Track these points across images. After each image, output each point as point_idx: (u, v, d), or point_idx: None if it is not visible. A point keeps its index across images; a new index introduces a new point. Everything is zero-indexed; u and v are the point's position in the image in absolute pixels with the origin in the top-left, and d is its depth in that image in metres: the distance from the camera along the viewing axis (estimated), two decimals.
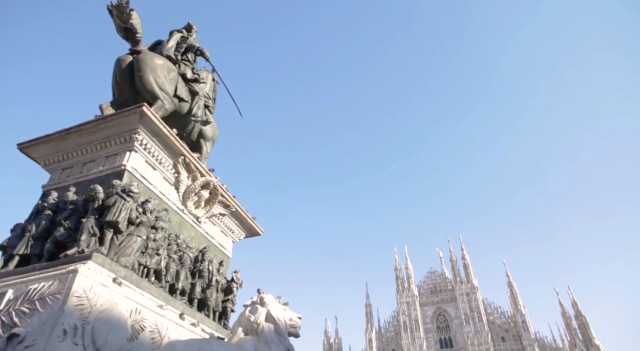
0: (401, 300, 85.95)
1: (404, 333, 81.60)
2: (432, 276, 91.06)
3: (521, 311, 78.71)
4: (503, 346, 77.57)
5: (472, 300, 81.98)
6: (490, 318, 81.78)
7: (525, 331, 76.19)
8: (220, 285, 9.57)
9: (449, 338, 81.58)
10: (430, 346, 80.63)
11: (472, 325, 78.77)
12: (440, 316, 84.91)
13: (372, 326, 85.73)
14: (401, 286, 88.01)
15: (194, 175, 9.41)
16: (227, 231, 10.96)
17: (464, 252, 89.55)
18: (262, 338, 6.79)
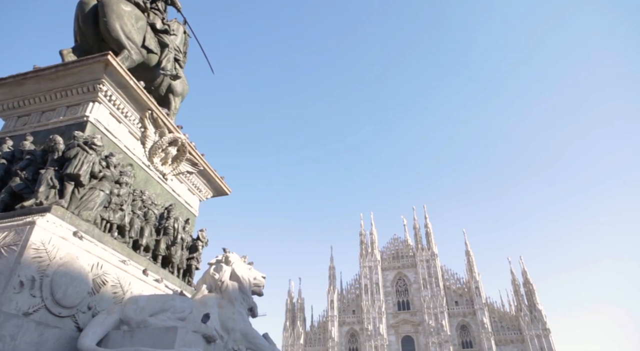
0: (364, 264, 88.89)
1: (364, 295, 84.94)
2: (395, 243, 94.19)
3: (475, 278, 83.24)
4: (456, 310, 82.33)
5: (431, 266, 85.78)
6: (447, 283, 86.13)
7: (478, 296, 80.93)
8: (185, 242, 9.55)
9: (407, 301, 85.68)
10: (388, 308, 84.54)
11: (430, 290, 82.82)
12: (400, 281, 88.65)
13: (334, 288, 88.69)
14: (365, 251, 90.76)
15: (161, 131, 9.13)
16: (194, 189, 10.84)
17: (427, 220, 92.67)
18: (225, 296, 6.89)
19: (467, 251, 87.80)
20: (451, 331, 78.96)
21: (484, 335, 76.63)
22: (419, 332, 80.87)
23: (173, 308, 5.84)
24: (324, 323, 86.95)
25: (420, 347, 79.38)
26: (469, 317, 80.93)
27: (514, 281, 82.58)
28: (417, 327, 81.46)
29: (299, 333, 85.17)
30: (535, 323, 76.36)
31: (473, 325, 79.73)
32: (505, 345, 77.01)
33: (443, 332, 77.66)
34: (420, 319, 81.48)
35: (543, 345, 74.21)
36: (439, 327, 78.30)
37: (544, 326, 75.65)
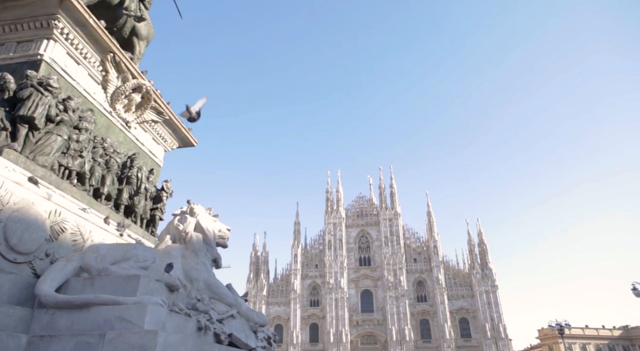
0: (329, 221, 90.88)
1: (328, 250, 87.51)
2: (360, 201, 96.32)
3: (434, 237, 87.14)
4: (414, 267, 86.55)
5: (393, 225, 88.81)
6: (407, 242, 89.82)
7: (435, 254, 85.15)
8: (149, 192, 9.37)
9: (368, 258, 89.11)
10: (350, 264, 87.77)
11: (390, 247, 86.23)
12: (363, 238, 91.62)
13: (298, 243, 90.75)
14: (330, 208, 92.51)
15: (124, 76, 8.66)
16: (159, 139, 10.51)
17: (393, 181, 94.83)
18: (190, 247, 6.90)
19: (428, 212, 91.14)
20: (408, 287, 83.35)
21: (438, 290, 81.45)
22: (377, 287, 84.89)
23: (136, 257, 5.81)
24: (287, 276, 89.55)
25: (378, 300, 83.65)
26: (425, 274, 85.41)
27: (469, 242, 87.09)
28: (376, 282, 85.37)
29: (262, 285, 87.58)
30: (485, 280, 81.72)
31: (429, 281, 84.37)
32: (457, 300, 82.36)
33: (400, 287, 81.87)
34: (379, 274, 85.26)
35: (490, 300, 79.96)
36: (397, 282, 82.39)
37: (492, 283, 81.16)
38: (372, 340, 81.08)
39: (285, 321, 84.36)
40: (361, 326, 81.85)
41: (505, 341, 76.94)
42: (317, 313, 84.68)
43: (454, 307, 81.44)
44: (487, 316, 78.71)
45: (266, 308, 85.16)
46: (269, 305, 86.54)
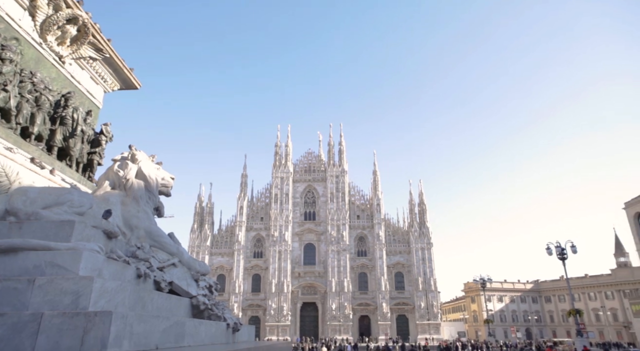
0: (276, 175, 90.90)
1: (274, 204, 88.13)
2: (308, 157, 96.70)
3: (378, 196, 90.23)
4: (357, 223, 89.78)
5: (340, 182, 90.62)
6: (352, 199, 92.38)
7: (378, 212, 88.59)
8: (86, 135, 8.77)
9: (313, 212, 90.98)
10: (295, 218, 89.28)
11: (336, 203, 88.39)
12: (309, 193, 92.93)
13: (245, 195, 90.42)
14: (279, 162, 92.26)
15: (56, 4, 7.77)
16: (98, 78, 9.73)
17: (342, 138, 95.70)
18: (130, 194, 6.64)
19: (374, 171, 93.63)
20: (350, 242, 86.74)
21: (378, 246, 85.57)
22: (321, 241, 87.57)
23: (70, 202, 5.49)
24: (231, 227, 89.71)
25: (320, 254, 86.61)
26: (367, 230, 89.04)
27: (410, 201, 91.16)
28: (319, 236, 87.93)
29: (206, 236, 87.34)
30: (422, 237, 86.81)
31: (370, 237, 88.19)
32: (394, 255, 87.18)
33: (342, 242, 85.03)
34: (323, 229, 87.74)
35: (425, 256, 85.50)
36: (340, 237, 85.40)
37: (428, 241, 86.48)
38: (313, 290, 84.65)
39: (229, 272, 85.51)
40: (302, 278, 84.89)
41: (435, 293, 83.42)
42: (260, 265, 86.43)
43: (391, 262, 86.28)
44: (420, 271, 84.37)
45: (209, 258, 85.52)
46: (212, 255, 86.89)
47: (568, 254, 44.99)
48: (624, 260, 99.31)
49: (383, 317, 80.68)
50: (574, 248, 44.95)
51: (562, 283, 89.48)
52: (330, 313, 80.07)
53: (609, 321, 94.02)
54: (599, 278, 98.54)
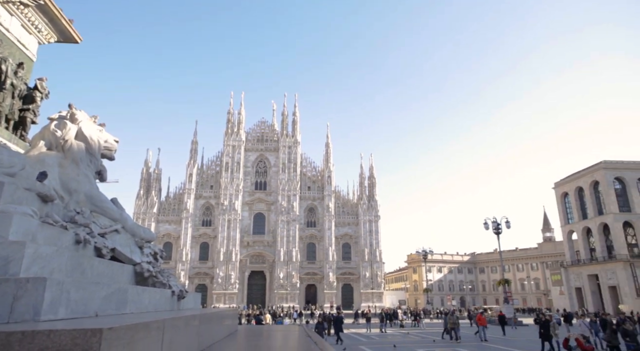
0: (228, 143, 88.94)
1: (224, 172, 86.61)
2: (261, 126, 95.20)
3: (330, 168, 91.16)
4: (307, 194, 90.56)
5: (292, 152, 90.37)
6: (304, 170, 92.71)
7: (329, 184, 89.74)
8: (17, 90, 8.04)
9: (265, 182, 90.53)
10: (246, 187, 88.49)
11: (287, 174, 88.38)
12: (261, 163, 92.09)
13: (194, 162, 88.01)
14: (231, 130, 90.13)
15: None
16: (31, 27, 8.85)
17: (296, 109, 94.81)
18: (69, 156, 6.23)
19: (327, 143, 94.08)
20: (300, 212, 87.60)
21: (327, 217, 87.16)
22: (271, 211, 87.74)
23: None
24: (180, 195, 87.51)
25: (270, 224, 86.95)
26: (317, 201, 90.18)
27: (361, 175, 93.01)
28: (270, 206, 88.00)
29: (153, 202, 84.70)
30: (370, 210, 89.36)
31: (320, 208, 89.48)
32: (343, 226, 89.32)
33: (293, 212, 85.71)
34: (274, 199, 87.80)
35: (372, 228, 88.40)
36: (290, 208, 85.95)
37: (376, 214, 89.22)
38: (261, 259, 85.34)
39: (176, 239, 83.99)
40: (251, 247, 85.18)
41: (380, 264, 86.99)
42: (208, 233, 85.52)
43: (339, 233, 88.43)
44: (367, 242, 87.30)
45: (156, 226, 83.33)
46: (159, 223, 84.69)
47: (502, 229, 48.28)
48: (549, 235, 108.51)
49: (329, 286, 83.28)
50: (508, 223, 48.26)
51: (496, 255, 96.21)
52: (277, 281, 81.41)
53: (532, 289, 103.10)
54: (527, 251, 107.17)
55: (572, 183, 75.18)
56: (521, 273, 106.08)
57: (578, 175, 74.15)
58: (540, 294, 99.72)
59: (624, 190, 68.77)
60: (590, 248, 72.42)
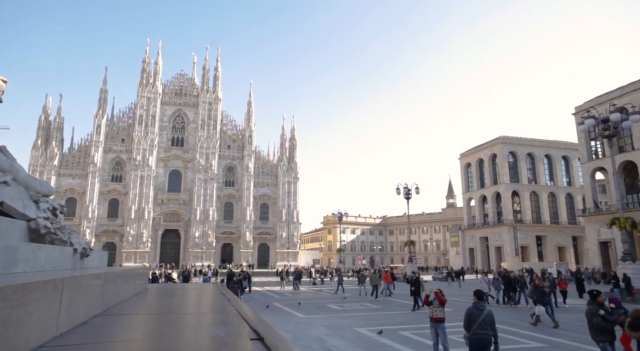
0: (143, 94, 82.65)
1: (138, 126, 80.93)
2: (180, 79, 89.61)
3: (251, 127, 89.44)
4: (227, 153, 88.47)
5: (212, 109, 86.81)
6: (224, 128, 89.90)
7: (249, 144, 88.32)
8: None
9: (182, 138, 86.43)
10: (162, 142, 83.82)
11: (206, 131, 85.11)
12: (179, 118, 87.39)
13: (104, 113, 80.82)
14: (146, 81, 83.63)
15: None
16: None
17: (219, 63, 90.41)
18: None
19: (249, 102, 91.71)
20: (218, 171, 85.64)
21: (246, 177, 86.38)
22: (188, 168, 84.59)
23: None
24: (86, 147, 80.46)
25: (186, 181, 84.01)
26: (237, 161, 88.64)
27: (282, 136, 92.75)
28: (187, 163, 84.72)
29: (54, 154, 76.96)
30: (290, 172, 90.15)
31: (239, 167, 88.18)
32: (262, 187, 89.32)
33: (211, 171, 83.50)
34: (191, 156, 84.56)
35: (291, 189, 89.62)
36: (208, 166, 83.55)
37: (295, 175, 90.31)
38: (176, 218, 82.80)
39: (81, 195, 77.90)
40: (166, 205, 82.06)
41: (296, 224, 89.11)
42: (119, 189, 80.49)
43: (258, 193, 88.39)
44: (285, 203, 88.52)
45: (57, 179, 76.29)
46: (61, 176, 77.58)
47: (412, 194, 51.78)
48: (452, 201, 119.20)
49: (246, 245, 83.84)
50: (417, 189, 51.79)
51: (404, 219, 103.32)
52: (193, 240, 80.00)
53: (433, 250, 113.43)
54: (432, 216, 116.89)
55: (475, 155, 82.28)
56: (425, 236, 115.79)
57: (480, 148, 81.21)
58: (439, 254, 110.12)
59: (516, 163, 77.02)
60: (484, 213, 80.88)
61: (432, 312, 9.94)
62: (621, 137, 50.93)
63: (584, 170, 60.30)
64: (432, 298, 10.06)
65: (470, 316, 7.92)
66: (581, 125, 30.95)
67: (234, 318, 4.47)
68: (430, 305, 10.06)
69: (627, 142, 52.97)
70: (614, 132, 28.31)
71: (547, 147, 78.82)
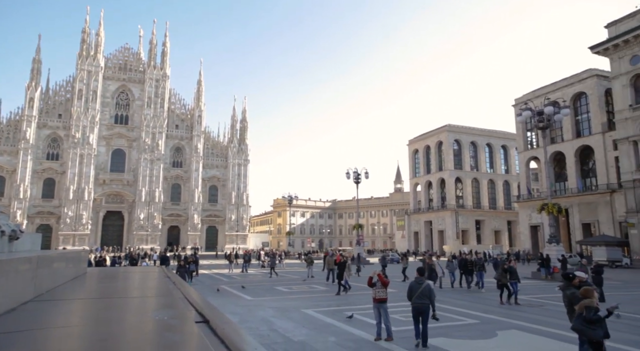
0: (82, 67, 77.20)
1: (77, 100, 75.79)
2: (125, 53, 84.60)
3: (201, 107, 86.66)
4: (175, 133, 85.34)
5: (160, 86, 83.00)
6: (172, 107, 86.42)
7: (198, 124, 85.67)
8: None
9: (127, 116, 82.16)
10: (104, 120, 79.24)
11: (153, 109, 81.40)
12: (123, 94, 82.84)
13: (37, 85, 74.78)
14: (86, 52, 78.10)
15: None
16: None
17: (167, 39, 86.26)
18: None
19: (199, 80, 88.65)
20: (165, 151, 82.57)
21: (195, 158, 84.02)
22: (132, 147, 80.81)
23: None
24: (16, 121, 74.36)
25: (131, 161, 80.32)
26: (185, 141, 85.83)
27: (233, 117, 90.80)
28: (132, 143, 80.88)
29: None
30: (240, 154, 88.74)
31: (188, 148, 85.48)
32: (211, 169, 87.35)
33: (157, 151, 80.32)
34: (137, 135, 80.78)
35: (241, 172, 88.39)
36: (155, 146, 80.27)
37: (246, 157, 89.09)
38: (119, 199, 79.26)
39: (10, 173, 72.22)
40: (108, 185, 78.20)
41: (246, 207, 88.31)
42: (55, 168, 75.49)
43: (207, 175, 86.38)
44: (235, 185, 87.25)
45: None
46: None
47: (362, 179, 52.85)
48: (399, 186, 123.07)
49: (193, 228, 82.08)
50: (367, 174, 52.90)
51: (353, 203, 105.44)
52: (137, 223, 77.10)
53: (380, 233, 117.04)
54: (380, 200, 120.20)
55: (422, 142, 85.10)
56: (373, 219, 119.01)
57: (427, 135, 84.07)
58: (386, 237, 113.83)
59: (460, 151, 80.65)
60: (429, 198, 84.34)
61: (375, 293, 10.33)
62: (553, 129, 54.83)
63: (520, 159, 64.38)
64: (376, 280, 10.44)
65: (411, 289, 9.77)
66: (519, 116, 32.85)
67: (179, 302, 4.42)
68: (373, 287, 10.44)
69: (557, 134, 57.08)
70: (547, 124, 30.32)
71: (488, 136, 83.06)
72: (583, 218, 52.54)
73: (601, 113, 51.91)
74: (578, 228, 52.80)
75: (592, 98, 52.93)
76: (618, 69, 44.79)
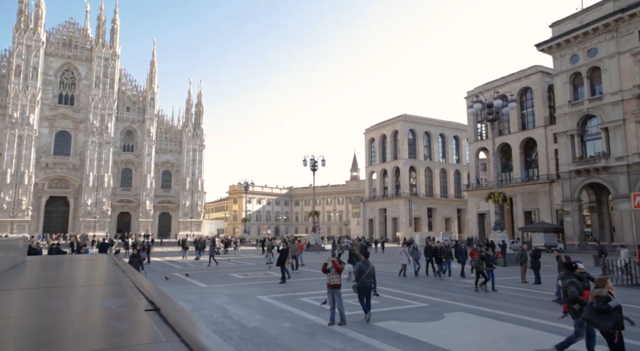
0: (20, 41, 71.56)
1: (15, 77, 70.38)
2: (70, 28, 79.28)
3: (154, 89, 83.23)
4: (126, 116, 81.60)
5: (109, 66, 78.75)
6: (123, 88, 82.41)
7: (151, 107, 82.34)
8: None
9: (72, 96, 77.47)
10: (46, 99, 74.28)
11: (102, 90, 77.27)
12: (68, 72, 77.87)
13: None
14: (24, 25, 72.41)
15: None
16: None
17: (117, 15, 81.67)
18: None
19: (152, 61, 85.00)
20: (115, 134, 78.92)
21: (148, 142, 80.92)
22: (79, 130, 76.54)
23: None
24: None
25: (77, 144, 76.13)
26: (137, 124, 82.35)
27: (188, 101, 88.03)
28: (78, 124, 76.55)
29: None
30: (195, 139, 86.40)
31: (140, 132, 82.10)
32: (164, 153, 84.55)
33: (107, 134, 76.59)
34: (84, 117, 76.52)
35: (196, 157, 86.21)
36: (104, 128, 76.47)
37: (201, 143, 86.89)
38: (64, 184, 75.10)
39: None
40: (51, 170, 73.79)
41: (201, 193, 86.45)
42: None
43: (160, 160, 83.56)
44: (189, 171, 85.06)
45: None
46: None
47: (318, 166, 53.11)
48: (356, 174, 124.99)
49: (145, 214, 79.46)
50: (324, 161, 53.18)
51: (310, 190, 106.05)
52: (85, 209, 73.52)
53: (336, 220, 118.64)
54: (336, 188, 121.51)
55: (378, 131, 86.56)
56: (329, 206, 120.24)
57: (383, 124, 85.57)
58: (342, 224, 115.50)
59: (414, 140, 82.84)
60: (384, 186, 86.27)
61: (330, 279, 10.54)
62: (501, 121, 57.44)
63: (471, 149, 67.10)
64: (330, 266, 10.65)
65: (360, 270, 10.76)
66: (470, 108, 34.19)
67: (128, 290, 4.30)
68: (328, 273, 10.63)
69: (505, 126, 59.95)
70: (496, 116, 31.75)
71: (442, 126, 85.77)
72: (525, 207, 55.86)
73: (544, 108, 55.05)
74: (521, 216, 56.11)
75: (536, 94, 55.94)
76: (560, 66, 47.55)
